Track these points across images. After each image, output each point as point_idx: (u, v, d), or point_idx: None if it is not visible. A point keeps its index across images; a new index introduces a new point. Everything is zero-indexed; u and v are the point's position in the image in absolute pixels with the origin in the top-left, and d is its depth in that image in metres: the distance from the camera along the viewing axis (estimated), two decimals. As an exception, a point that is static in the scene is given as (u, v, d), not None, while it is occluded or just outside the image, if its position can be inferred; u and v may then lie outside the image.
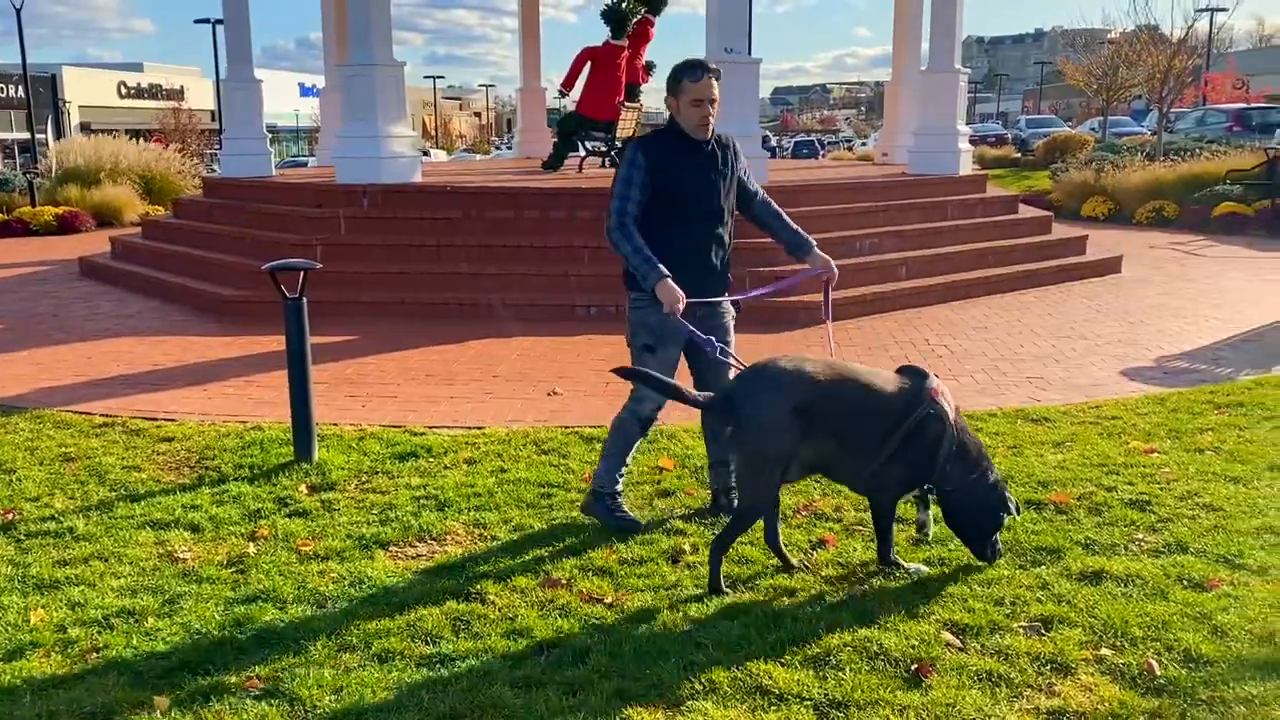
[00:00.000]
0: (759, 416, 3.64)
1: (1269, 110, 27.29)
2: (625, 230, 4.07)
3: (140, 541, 4.25)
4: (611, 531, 4.27)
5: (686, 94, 4.08)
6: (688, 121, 4.12)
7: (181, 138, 32.67)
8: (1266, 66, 48.36)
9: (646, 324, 4.22)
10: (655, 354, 4.23)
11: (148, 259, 11.81)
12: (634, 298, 4.25)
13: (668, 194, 4.11)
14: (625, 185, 4.09)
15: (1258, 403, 6.11)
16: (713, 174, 4.20)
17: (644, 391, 4.28)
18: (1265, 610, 3.49)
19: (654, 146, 4.16)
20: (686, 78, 4.08)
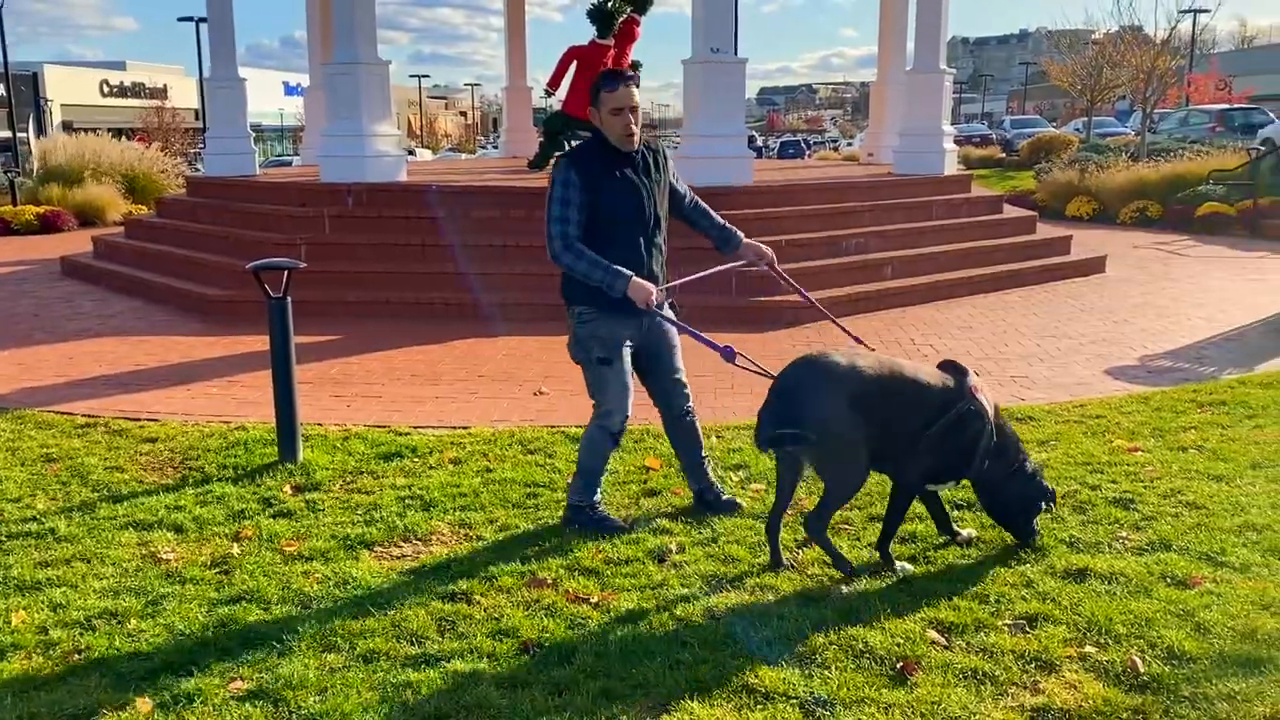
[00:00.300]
0: (823, 409, 3.69)
1: (1251, 111, 27.47)
2: (574, 250, 4.02)
3: (123, 542, 4.22)
4: (601, 534, 4.24)
5: (605, 105, 4.05)
6: (611, 132, 4.08)
7: (164, 137, 32.50)
8: (1249, 67, 48.69)
9: (598, 336, 4.18)
10: (613, 365, 4.21)
11: (130, 258, 11.74)
12: (580, 312, 4.18)
13: (605, 208, 4.06)
14: (563, 206, 4.03)
15: (1240, 401, 6.15)
16: (646, 182, 4.16)
17: (608, 406, 4.25)
18: (1247, 607, 3.51)
19: (585, 162, 4.09)
20: (604, 88, 4.06)
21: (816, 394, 3.73)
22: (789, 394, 3.77)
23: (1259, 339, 8.17)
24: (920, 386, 3.84)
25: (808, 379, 3.78)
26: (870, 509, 4.48)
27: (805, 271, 9.51)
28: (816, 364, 3.82)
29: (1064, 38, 36.27)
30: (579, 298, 4.16)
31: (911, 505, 4.03)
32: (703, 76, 10.49)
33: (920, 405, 3.83)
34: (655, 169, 4.22)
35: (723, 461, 5.16)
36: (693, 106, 10.79)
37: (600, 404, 4.29)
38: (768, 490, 4.74)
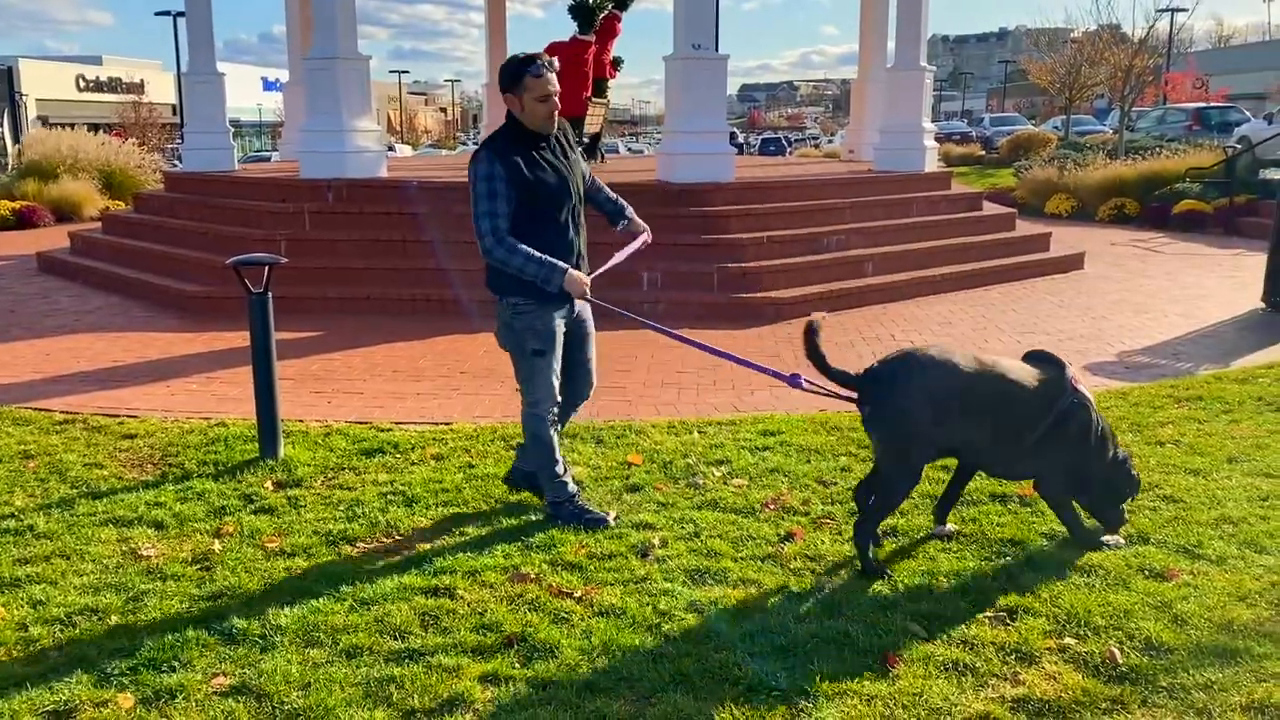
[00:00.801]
0: (900, 402, 3.74)
1: (1228, 109, 27.72)
2: (507, 244, 3.97)
3: (103, 539, 4.20)
4: (584, 529, 4.26)
5: (532, 90, 3.99)
6: (534, 117, 4.03)
7: (142, 131, 32.26)
8: (1225, 66, 49.14)
9: (534, 329, 4.15)
10: (545, 357, 4.19)
11: (108, 254, 11.65)
12: (515, 304, 4.14)
13: (530, 196, 4.01)
14: (491, 200, 3.96)
15: (1216, 396, 6.21)
16: (564, 164, 4.15)
17: (538, 395, 4.23)
18: (1223, 599, 3.55)
19: (506, 152, 4.01)
20: (530, 74, 3.99)
21: (904, 385, 3.76)
22: (880, 382, 3.80)
23: (1235, 335, 8.25)
24: (1018, 383, 3.85)
25: (900, 371, 3.80)
26: (852, 504, 4.50)
27: (786, 268, 9.57)
28: (912, 357, 3.84)
29: (1043, 36, 36.56)
30: (512, 290, 4.11)
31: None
32: (684, 73, 10.50)
33: (1021, 401, 3.84)
34: (570, 148, 4.22)
35: (705, 457, 5.17)
36: (674, 103, 10.80)
37: (530, 393, 4.27)
38: (750, 485, 4.76)
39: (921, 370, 3.77)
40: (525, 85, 4.00)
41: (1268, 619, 3.41)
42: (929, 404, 3.73)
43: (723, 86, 10.99)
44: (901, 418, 3.76)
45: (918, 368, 3.79)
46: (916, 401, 3.73)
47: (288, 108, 16.49)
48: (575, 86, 12.49)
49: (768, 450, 5.27)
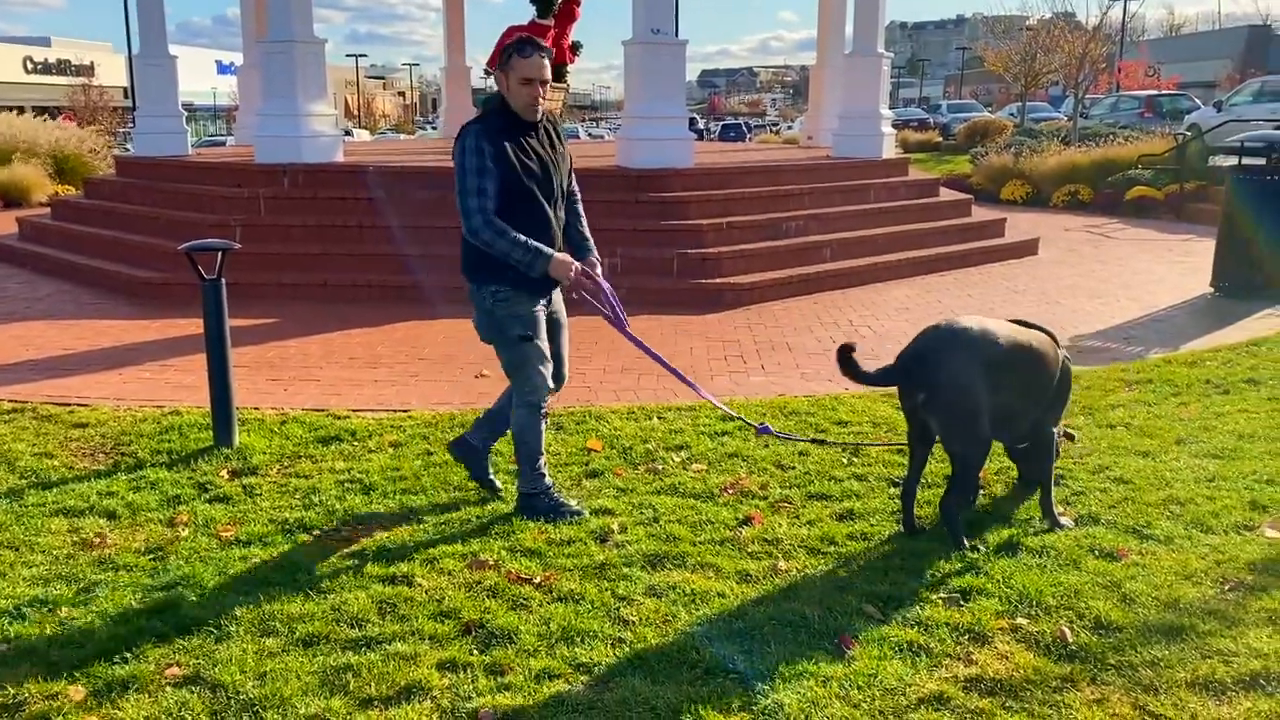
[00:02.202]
0: (960, 379, 3.80)
1: (1179, 97, 28.11)
2: (496, 226, 3.89)
3: (53, 530, 4.13)
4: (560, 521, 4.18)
5: (516, 71, 3.93)
6: (516, 100, 3.96)
7: (92, 115, 31.63)
8: (1176, 55, 49.85)
9: (519, 315, 4.06)
10: (533, 342, 4.10)
11: (58, 241, 11.43)
12: (495, 291, 4.04)
13: (514, 181, 3.93)
14: (479, 177, 3.87)
15: (1166, 379, 6.33)
16: (551, 156, 4.08)
17: (530, 382, 4.13)
18: (1170, 578, 3.62)
19: (494, 131, 3.94)
20: (517, 54, 3.94)
21: (957, 361, 3.82)
22: (923, 358, 3.86)
23: (1184, 319, 8.40)
24: (1042, 345, 4.03)
25: (940, 344, 3.87)
26: (809, 487, 4.55)
27: (745, 254, 9.60)
28: (950, 330, 3.89)
29: (999, 23, 36.85)
30: (490, 277, 4.03)
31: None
32: (643, 57, 10.48)
33: (1047, 363, 4.03)
34: (559, 141, 4.17)
35: (665, 442, 5.18)
36: (633, 88, 10.77)
37: (521, 382, 4.15)
38: (709, 470, 4.79)
39: (970, 343, 3.83)
40: (512, 64, 3.94)
41: (1212, 597, 3.49)
42: (983, 374, 3.81)
43: (682, 72, 10.99)
44: (964, 394, 3.82)
45: (964, 342, 3.84)
46: (973, 375, 3.80)
47: (242, 91, 16.25)
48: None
49: (726, 435, 5.29)
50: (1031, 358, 3.98)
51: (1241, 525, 4.09)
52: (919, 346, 3.92)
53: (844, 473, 4.72)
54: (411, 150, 15.37)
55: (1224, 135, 16.22)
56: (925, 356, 3.87)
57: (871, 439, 5.19)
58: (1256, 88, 22.03)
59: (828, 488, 4.54)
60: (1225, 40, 53.95)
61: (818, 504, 4.37)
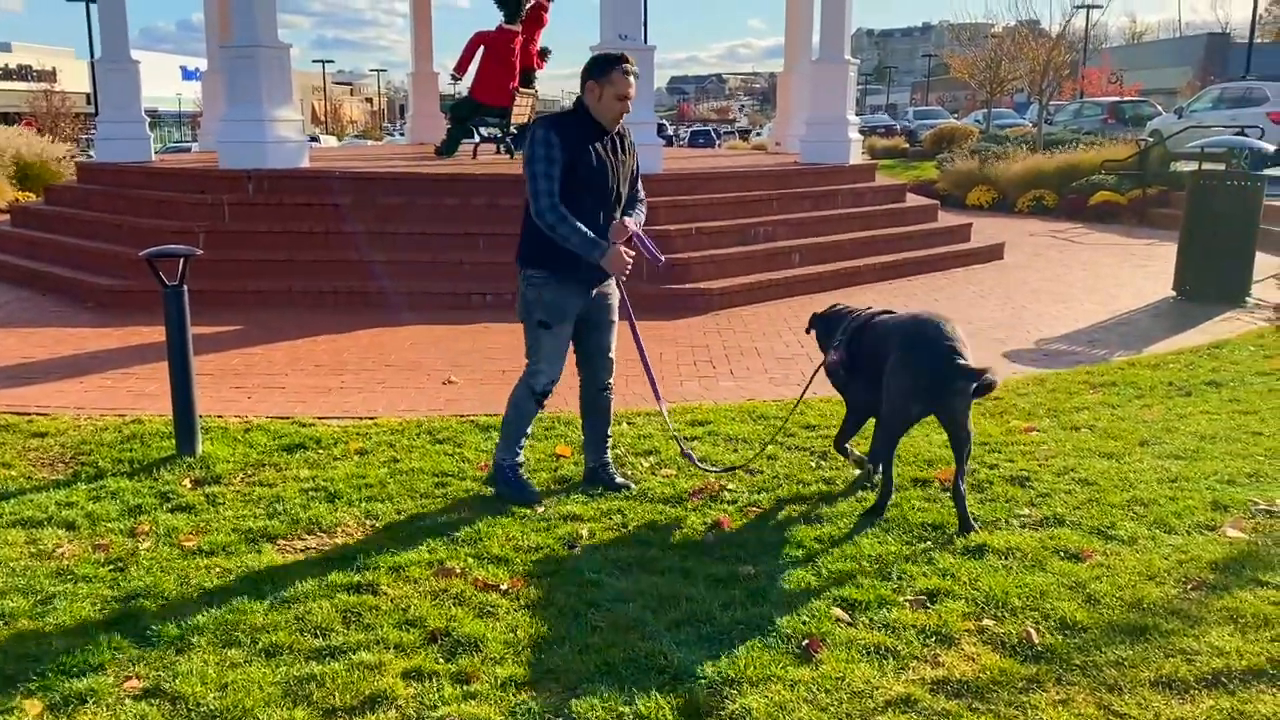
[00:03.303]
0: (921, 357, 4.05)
1: (1141, 103, 28.53)
2: (560, 210, 4.11)
3: (10, 541, 4.05)
4: (512, 501, 4.38)
5: (616, 86, 4.15)
6: (607, 113, 4.20)
7: (54, 121, 31.21)
8: (1139, 62, 50.56)
9: (544, 301, 4.30)
10: (552, 329, 4.34)
11: (18, 247, 11.24)
12: (530, 275, 4.30)
13: (577, 177, 4.16)
14: (549, 164, 4.11)
15: (1130, 382, 6.39)
16: (614, 160, 4.29)
17: (538, 365, 4.39)
18: (1134, 578, 3.65)
19: (566, 127, 4.18)
20: (618, 71, 4.15)
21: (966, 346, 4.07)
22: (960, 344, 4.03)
23: (1147, 322, 8.50)
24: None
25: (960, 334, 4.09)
26: (777, 491, 4.55)
27: (715, 259, 9.61)
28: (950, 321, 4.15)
29: (965, 31, 37.20)
30: (530, 261, 4.28)
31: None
32: (611, 64, 10.46)
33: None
34: (623, 150, 4.36)
35: (633, 448, 5.17)
36: (601, 94, 10.75)
37: (531, 364, 4.42)
38: (678, 475, 4.78)
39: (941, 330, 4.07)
40: (612, 79, 4.14)
41: (1175, 597, 3.52)
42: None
43: (650, 78, 11.01)
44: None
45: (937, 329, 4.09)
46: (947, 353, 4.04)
47: (206, 97, 16.09)
48: (502, 76, 12.38)
49: (696, 440, 5.29)
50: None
51: (1204, 525, 4.13)
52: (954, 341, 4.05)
53: (812, 476, 4.73)
54: (379, 156, 15.27)
55: (1185, 141, 16.48)
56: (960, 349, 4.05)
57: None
58: (1216, 94, 22.41)
59: (796, 491, 4.55)
60: (1186, 48, 54.77)
61: (786, 507, 4.37)
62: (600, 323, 4.49)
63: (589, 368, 4.59)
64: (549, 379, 4.43)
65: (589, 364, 4.58)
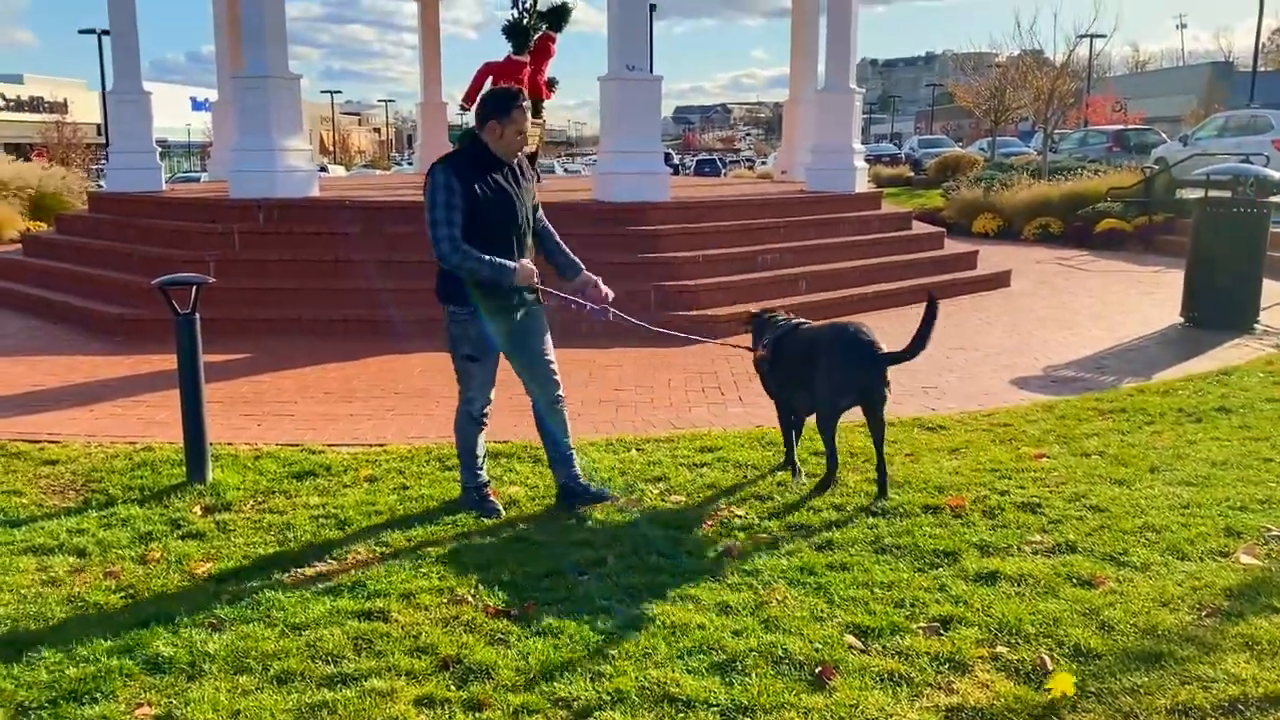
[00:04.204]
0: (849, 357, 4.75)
1: (1146, 131, 28.60)
2: (462, 250, 4.24)
3: (21, 568, 4.06)
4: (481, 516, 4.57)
5: (516, 123, 4.33)
6: (509, 146, 4.37)
7: (65, 151, 31.46)
8: (1142, 90, 50.78)
9: (468, 336, 4.48)
10: (478, 363, 4.52)
11: (30, 276, 11.32)
12: (453, 311, 4.46)
13: (479, 213, 4.28)
14: (448, 210, 4.23)
15: (1139, 408, 6.38)
16: (515, 190, 4.42)
17: (471, 394, 4.60)
18: (1148, 605, 3.63)
19: (462, 168, 4.30)
20: (517, 107, 4.33)
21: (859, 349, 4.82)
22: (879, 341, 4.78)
23: (1155, 349, 8.49)
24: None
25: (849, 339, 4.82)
26: (787, 518, 4.54)
27: (722, 286, 9.64)
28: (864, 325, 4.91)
29: (969, 60, 37.36)
30: (451, 298, 4.44)
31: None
32: (619, 93, 10.56)
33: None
34: (524, 177, 4.51)
35: (643, 474, 5.17)
36: (609, 123, 10.85)
37: (464, 391, 4.63)
38: (687, 501, 4.77)
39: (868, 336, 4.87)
40: (513, 117, 4.32)
41: (1190, 623, 3.50)
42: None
43: (657, 107, 11.08)
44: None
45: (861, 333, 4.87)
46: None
47: (216, 127, 16.25)
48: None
49: (705, 466, 5.28)
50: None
51: (1217, 552, 4.11)
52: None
53: (822, 503, 4.72)
54: (387, 185, 15.38)
55: (1190, 169, 16.51)
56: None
57: (848, 468, 5.20)
58: (1221, 122, 22.47)
59: (806, 518, 4.54)
60: (1190, 76, 55.04)
61: (796, 535, 4.36)
62: (530, 330, 4.59)
63: (534, 380, 4.66)
64: (483, 404, 4.63)
65: (533, 376, 4.66)
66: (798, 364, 4.92)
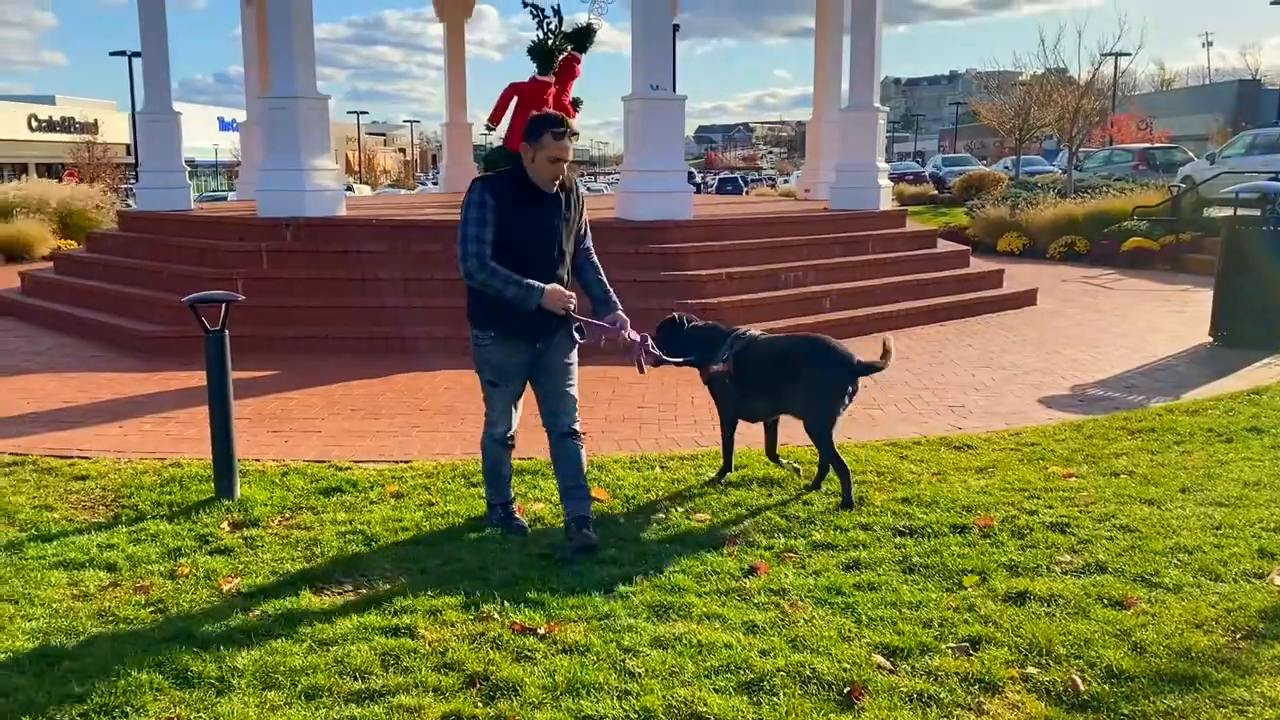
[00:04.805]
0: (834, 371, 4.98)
1: (1172, 150, 28.41)
2: (489, 267, 4.18)
3: (53, 583, 4.09)
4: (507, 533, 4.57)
5: (548, 149, 4.15)
6: (541, 174, 4.21)
7: (95, 171, 31.89)
8: (1168, 109, 50.50)
9: (490, 362, 4.45)
10: (499, 388, 4.50)
11: (60, 294, 11.46)
12: (476, 336, 4.43)
13: (510, 235, 4.19)
14: (479, 226, 4.17)
15: (1169, 428, 6.32)
16: (555, 219, 4.30)
17: (494, 417, 4.59)
18: (1181, 626, 3.59)
19: (500, 188, 4.23)
20: (551, 132, 4.14)
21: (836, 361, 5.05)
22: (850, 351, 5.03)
23: (1184, 368, 8.41)
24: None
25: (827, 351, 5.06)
26: (813, 536, 4.52)
27: (747, 304, 9.64)
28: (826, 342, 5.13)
29: (992, 79, 37.31)
30: (476, 320, 4.40)
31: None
32: (642, 112, 10.60)
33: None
34: (567, 207, 4.36)
35: (667, 492, 5.16)
36: (633, 142, 10.89)
37: (488, 415, 4.62)
38: (712, 519, 4.76)
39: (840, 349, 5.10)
40: (544, 142, 4.15)
41: (1225, 645, 3.46)
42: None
43: (680, 126, 11.12)
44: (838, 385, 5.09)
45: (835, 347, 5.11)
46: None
47: (245, 147, 16.43)
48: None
49: (731, 486, 5.27)
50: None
51: (1251, 573, 4.06)
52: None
53: (849, 522, 4.70)
54: (412, 205, 15.49)
55: (1218, 187, 16.39)
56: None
57: (874, 488, 5.17)
58: (1249, 140, 22.26)
59: (833, 537, 4.52)
60: (1216, 95, 54.65)
61: (823, 554, 4.34)
62: (550, 366, 4.47)
63: (547, 410, 4.53)
64: (505, 428, 4.60)
65: (546, 406, 4.53)
66: (767, 376, 5.07)
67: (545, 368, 4.48)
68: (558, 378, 4.50)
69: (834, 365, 4.95)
